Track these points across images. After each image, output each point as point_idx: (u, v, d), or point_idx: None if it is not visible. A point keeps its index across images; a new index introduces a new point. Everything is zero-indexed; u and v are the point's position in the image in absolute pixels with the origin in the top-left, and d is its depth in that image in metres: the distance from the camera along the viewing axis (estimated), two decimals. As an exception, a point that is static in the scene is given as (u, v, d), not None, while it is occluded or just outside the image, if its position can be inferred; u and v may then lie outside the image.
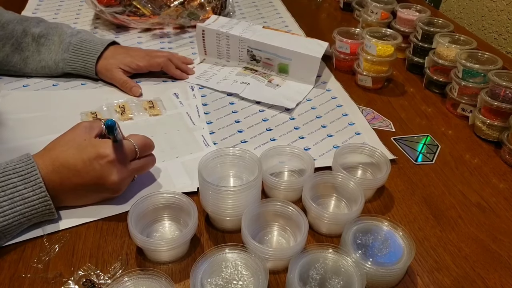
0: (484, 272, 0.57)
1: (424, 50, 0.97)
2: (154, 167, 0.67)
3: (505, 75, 0.78)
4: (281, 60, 0.93)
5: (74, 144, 0.58)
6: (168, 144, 0.75)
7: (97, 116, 0.79)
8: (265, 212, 0.59)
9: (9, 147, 0.72)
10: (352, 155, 0.70)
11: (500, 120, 0.78)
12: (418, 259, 0.58)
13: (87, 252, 0.57)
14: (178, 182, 0.67)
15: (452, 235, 0.62)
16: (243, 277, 0.52)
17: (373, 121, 0.85)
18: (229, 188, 0.59)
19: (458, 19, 1.29)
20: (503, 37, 1.13)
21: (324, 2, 1.40)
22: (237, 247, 0.53)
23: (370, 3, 1.09)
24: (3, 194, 0.53)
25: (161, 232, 0.59)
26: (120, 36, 1.09)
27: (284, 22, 1.23)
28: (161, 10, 1.10)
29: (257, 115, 0.85)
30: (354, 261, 0.52)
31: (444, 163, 0.76)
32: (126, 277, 0.50)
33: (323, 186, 0.64)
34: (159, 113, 0.82)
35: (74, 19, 1.17)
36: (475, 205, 0.68)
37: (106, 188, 0.59)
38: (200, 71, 0.97)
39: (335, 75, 0.99)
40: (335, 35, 0.99)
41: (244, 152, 0.63)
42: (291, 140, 0.78)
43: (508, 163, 0.76)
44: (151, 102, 0.85)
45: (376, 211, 0.66)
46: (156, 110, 0.83)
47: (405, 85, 0.98)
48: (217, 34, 0.97)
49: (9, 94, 0.85)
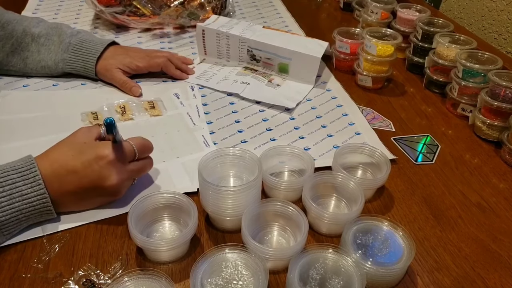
0: (484, 272, 0.57)
1: (424, 50, 0.97)
2: (154, 168, 0.67)
3: (505, 75, 0.78)
4: (281, 60, 0.93)
5: (74, 147, 0.58)
6: (168, 144, 0.75)
7: (97, 116, 0.79)
8: (265, 212, 0.59)
9: (9, 147, 0.72)
10: (352, 155, 0.70)
11: (500, 120, 0.78)
12: (418, 259, 0.58)
13: (87, 252, 0.57)
14: (178, 183, 0.67)
15: (452, 235, 0.62)
16: (243, 277, 0.52)
17: (373, 121, 0.85)
18: (229, 188, 0.59)
19: (458, 19, 1.29)
20: (503, 37, 1.13)
21: (324, 2, 1.40)
22: (237, 247, 0.53)
23: (370, 3, 1.09)
24: (2, 190, 0.53)
25: (161, 232, 0.59)
26: (120, 36, 1.09)
27: (284, 22, 1.23)
28: (161, 10, 1.10)
29: (257, 115, 0.85)
30: (354, 261, 0.52)
31: (444, 163, 0.76)
32: (126, 277, 0.50)
33: (323, 186, 0.64)
34: (159, 114, 0.82)
35: (74, 19, 1.17)
36: (475, 205, 0.68)
37: (106, 190, 0.59)
38: (200, 71, 0.97)
39: (335, 75, 0.99)
40: (335, 35, 0.99)
41: (244, 152, 0.63)
42: (291, 140, 0.78)
43: (508, 163, 0.76)
44: (152, 102, 0.85)
45: (376, 211, 0.66)
46: (156, 111, 0.83)
47: (405, 85, 0.98)
48: (217, 34, 0.97)
49: (9, 94, 0.85)
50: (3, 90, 0.85)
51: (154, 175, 0.68)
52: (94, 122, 0.78)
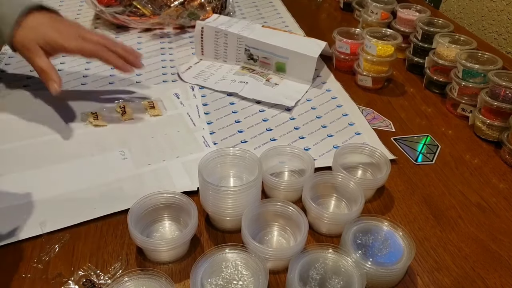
0: (484, 272, 0.57)
1: (424, 50, 0.97)
2: (156, 167, 0.66)
3: (505, 75, 0.78)
4: (278, 59, 0.94)
5: None
6: (168, 144, 0.75)
7: (97, 116, 0.79)
8: (265, 212, 0.59)
9: (9, 147, 0.72)
10: (352, 155, 0.70)
11: (500, 120, 0.78)
12: (418, 259, 0.58)
13: (87, 252, 0.57)
14: (178, 183, 0.67)
15: (452, 235, 0.62)
16: (243, 277, 0.52)
17: (373, 121, 0.85)
18: (229, 188, 0.59)
19: (458, 19, 1.29)
20: (503, 37, 1.13)
21: (324, 2, 1.40)
22: (237, 247, 0.53)
23: (370, 3, 1.09)
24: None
25: (161, 232, 0.59)
26: (120, 36, 1.09)
27: (284, 22, 1.23)
28: (161, 10, 1.10)
29: (257, 115, 0.85)
30: (354, 261, 0.52)
31: (444, 163, 0.76)
32: (126, 277, 0.50)
33: (323, 186, 0.64)
34: (159, 113, 0.82)
35: (74, 19, 1.17)
36: (475, 205, 0.68)
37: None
38: (197, 70, 0.97)
39: (335, 75, 0.99)
40: (335, 35, 0.99)
41: (244, 152, 0.63)
42: (291, 140, 0.78)
43: (508, 163, 0.76)
44: (152, 102, 0.84)
45: (376, 211, 0.66)
46: (156, 110, 0.82)
47: (405, 85, 0.98)
48: (215, 32, 0.96)
49: (9, 94, 0.85)
50: (3, 90, 0.85)
51: (154, 175, 0.68)
52: (94, 122, 0.78)
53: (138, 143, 0.75)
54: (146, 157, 0.72)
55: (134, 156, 0.72)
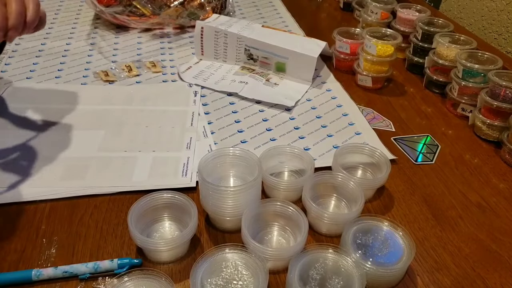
0: (484, 272, 0.57)
1: (424, 50, 0.97)
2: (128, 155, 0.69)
3: (505, 75, 0.78)
4: (278, 59, 0.94)
5: None
6: (155, 137, 0.76)
7: (107, 73, 0.90)
8: (265, 212, 0.59)
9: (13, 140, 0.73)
10: (352, 155, 0.70)
11: (500, 120, 0.78)
12: (418, 259, 0.58)
13: (87, 252, 0.57)
14: (136, 175, 0.68)
15: (452, 235, 0.62)
16: (243, 277, 0.52)
17: (373, 121, 0.85)
18: (229, 188, 0.59)
19: (458, 19, 1.29)
20: (503, 37, 1.13)
21: (324, 2, 1.40)
22: (237, 247, 0.53)
23: (370, 3, 1.09)
24: None
25: (161, 232, 0.59)
26: (120, 36, 1.09)
27: (284, 22, 1.23)
28: (161, 10, 1.10)
29: (257, 115, 0.85)
30: (354, 261, 0.52)
31: (444, 163, 0.76)
32: (126, 277, 0.50)
33: (323, 186, 0.64)
34: (160, 71, 0.94)
35: (74, 19, 1.17)
36: (475, 205, 0.68)
37: None
38: (197, 70, 0.97)
39: (335, 75, 0.99)
40: (335, 35, 0.99)
41: (244, 152, 0.63)
42: (291, 140, 0.78)
43: (508, 163, 0.76)
44: (153, 62, 0.97)
45: (376, 211, 0.66)
46: (157, 68, 0.95)
47: (405, 85, 0.98)
48: (215, 32, 0.96)
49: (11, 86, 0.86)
50: (5, 83, 0.87)
51: (123, 162, 0.70)
52: (105, 78, 0.89)
53: (129, 129, 0.77)
54: (127, 143, 0.74)
55: (115, 138, 0.75)
